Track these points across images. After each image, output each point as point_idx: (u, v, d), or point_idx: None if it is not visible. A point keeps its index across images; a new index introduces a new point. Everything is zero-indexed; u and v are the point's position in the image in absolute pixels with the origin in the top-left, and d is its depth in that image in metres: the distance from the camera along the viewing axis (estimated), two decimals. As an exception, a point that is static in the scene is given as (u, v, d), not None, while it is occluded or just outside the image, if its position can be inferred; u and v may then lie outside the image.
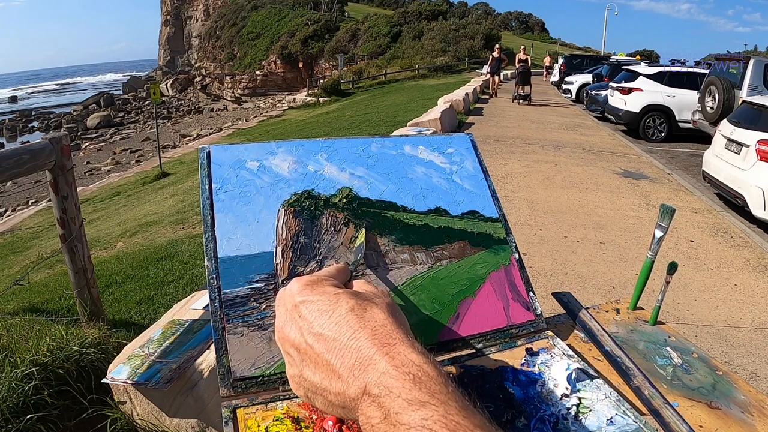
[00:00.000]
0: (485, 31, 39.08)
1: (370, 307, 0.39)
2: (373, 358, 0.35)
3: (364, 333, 0.36)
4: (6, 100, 65.45)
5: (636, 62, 16.28)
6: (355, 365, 0.35)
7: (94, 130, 30.69)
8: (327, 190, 0.69)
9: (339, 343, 0.36)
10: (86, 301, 2.43)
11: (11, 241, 6.67)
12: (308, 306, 0.39)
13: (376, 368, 0.34)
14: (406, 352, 0.35)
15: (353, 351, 0.36)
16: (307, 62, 46.74)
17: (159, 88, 11.02)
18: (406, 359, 0.34)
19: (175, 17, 78.10)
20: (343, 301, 0.39)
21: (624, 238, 4.41)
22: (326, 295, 0.40)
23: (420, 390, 0.32)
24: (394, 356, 0.34)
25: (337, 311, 0.38)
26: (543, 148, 8.23)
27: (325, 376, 0.37)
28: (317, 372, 0.37)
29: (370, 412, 0.33)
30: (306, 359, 0.38)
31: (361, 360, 0.35)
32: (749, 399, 0.65)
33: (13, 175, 2.15)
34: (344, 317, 0.38)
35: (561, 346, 0.67)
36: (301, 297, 0.40)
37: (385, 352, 0.35)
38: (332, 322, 0.37)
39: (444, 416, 0.30)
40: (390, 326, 0.37)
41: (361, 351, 0.35)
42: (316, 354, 0.37)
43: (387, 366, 0.34)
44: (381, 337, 0.36)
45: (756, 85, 7.44)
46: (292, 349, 0.40)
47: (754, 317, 3.17)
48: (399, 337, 0.36)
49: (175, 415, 1.62)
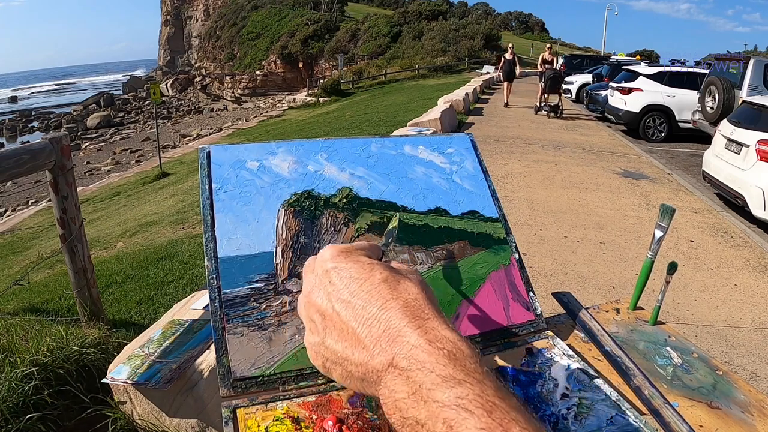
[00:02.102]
0: (485, 31, 39.09)
1: (403, 280, 0.38)
2: (403, 330, 0.33)
3: (396, 304, 0.35)
4: (6, 100, 65.48)
5: (636, 62, 16.28)
6: (383, 336, 0.34)
7: (94, 130, 30.70)
8: (327, 190, 0.69)
9: (367, 311, 0.35)
10: (86, 301, 2.43)
11: (11, 241, 6.68)
12: (340, 272, 0.38)
13: (406, 341, 0.33)
14: (439, 327, 0.34)
15: (382, 321, 0.34)
16: (307, 62, 46.75)
17: (159, 88, 11.03)
18: (440, 335, 0.33)
19: (175, 17, 78.12)
20: (376, 271, 0.38)
21: (624, 238, 4.41)
22: (360, 263, 0.39)
23: (455, 367, 0.31)
24: (427, 330, 0.33)
25: (370, 280, 0.37)
26: (543, 148, 8.23)
27: (348, 345, 0.36)
28: (340, 340, 0.36)
29: (395, 386, 0.32)
30: (330, 326, 0.37)
31: (389, 331, 0.34)
32: (749, 399, 0.65)
33: (13, 175, 2.15)
34: (376, 287, 0.36)
35: (561, 346, 0.67)
36: (334, 263, 0.39)
37: (417, 326, 0.33)
38: (363, 291, 0.36)
39: (480, 396, 0.29)
40: (423, 301, 0.36)
41: (391, 322, 0.34)
42: (342, 321, 0.36)
43: (419, 339, 0.32)
44: (413, 310, 0.35)
45: (756, 85, 7.44)
46: (316, 315, 0.39)
47: (754, 317, 3.17)
48: (432, 312, 0.35)
49: (175, 415, 1.62)
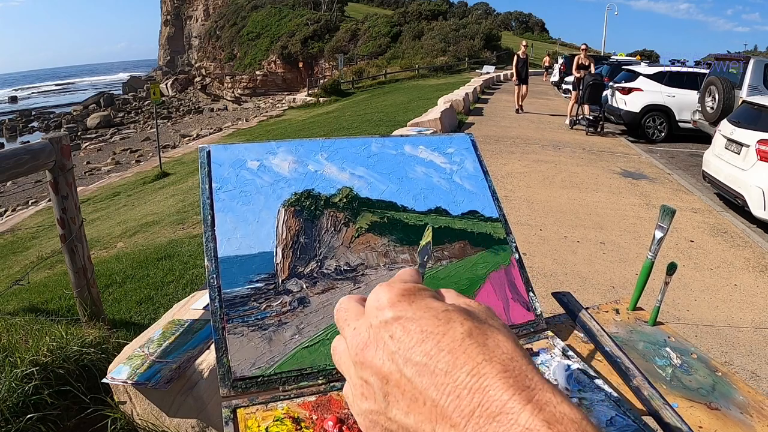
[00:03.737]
0: (485, 31, 39.11)
1: (492, 332, 0.30)
2: (507, 405, 0.26)
3: (491, 368, 0.27)
4: (6, 100, 65.48)
5: (636, 62, 16.28)
6: (479, 410, 0.27)
7: (94, 130, 30.69)
8: (327, 189, 0.69)
9: (453, 378, 0.28)
10: (86, 301, 2.43)
11: (11, 241, 6.68)
12: (406, 325, 0.30)
13: (514, 420, 0.26)
14: (555, 401, 0.26)
15: (476, 391, 0.27)
16: (307, 62, 46.75)
17: (159, 88, 11.03)
18: (559, 413, 0.26)
19: (175, 17, 78.12)
20: (456, 321, 0.30)
21: (624, 238, 4.41)
22: (431, 311, 0.31)
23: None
24: (541, 407, 0.26)
25: (449, 335, 0.29)
26: (543, 148, 8.23)
27: (425, 419, 0.28)
28: (413, 412, 0.29)
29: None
30: (397, 394, 0.30)
31: (488, 405, 0.26)
32: (748, 400, 0.65)
33: (13, 175, 2.15)
34: (460, 343, 0.29)
35: (561, 346, 0.67)
36: (395, 312, 0.31)
37: (526, 399, 0.26)
38: (443, 350, 0.29)
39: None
40: (522, 361, 0.28)
41: (489, 392, 0.27)
42: (415, 389, 0.29)
43: (533, 419, 0.25)
44: (515, 375, 0.27)
45: (756, 85, 7.44)
46: (374, 379, 0.31)
47: (754, 317, 3.17)
48: (538, 378, 0.28)
49: (175, 415, 1.62)
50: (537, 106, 13.68)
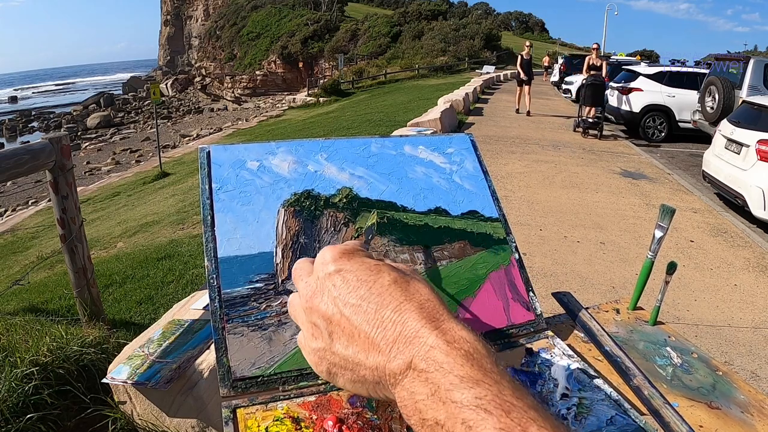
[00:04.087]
0: (485, 31, 39.13)
1: (413, 281, 0.37)
2: (420, 332, 0.33)
3: (410, 306, 0.34)
4: (6, 100, 65.49)
5: (636, 62, 16.29)
6: (400, 338, 0.33)
7: (94, 130, 30.70)
8: (327, 190, 0.69)
9: (381, 315, 0.34)
10: (86, 301, 2.43)
11: (11, 241, 6.68)
12: (345, 275, 0.37)
13: (424, 342, 0.32)
14: (456, 328, 0.33)
15: (397, 323, 0.34)
16: (307, 62, 46.76)
17: (159, 88, 11.03)
18: (457, 335, 0.33)
19: (175, 17, 78.12)
20: (384, 272, 0.37)
21: (624, 238, 4.41)
22: (365, 264, 0.38)
23: (473, 367, 0.31)
24: (444, 331, 0.33)
25: (379, 281, 0.36)
26: (543, 148, 8.23)
27: (360, 349, 0.35)
28: (351, 345, 0.35)
29: (414, 388, 0.32)
30: (338, 331, 0.36)
31: (406, 333, 0.33)
32: (749, 399, 0.65)
33: (13, 175, 2.15)
34: (387, 288, 0.35)
35: (561, 346, 0.67)
36: (337, 266, 0.38)
37: (434, 326, 0.33)
38: (373, 293, 0.35)
39: (498, 396, 0.29)
40: (435, 302, 0.36)
41: (407, 324, 0.34)
42: (352, 325, 0.35)
43: (437, 340, 0.32)
44: (428, 311, 0.34)
45: (756, 85, 7.44)
46: (320, 320, 0.37)
47: (754, 317, 3.17)
48: (446, 313, 0.35)
49: (175, 415, 1.62)
50: (537, 107, 13.68)
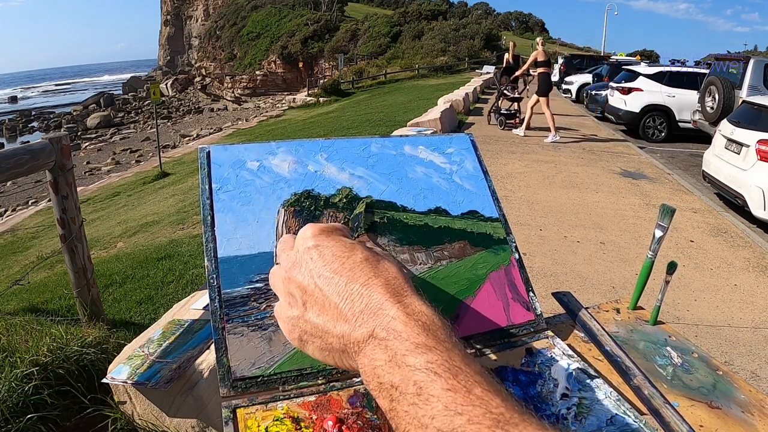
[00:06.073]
0: (485, 31, 39.14)
1: (383, 260, 0.40)
2: (384, 305, 0.36)
3: (377, 281, 0.37)
4: (6, 100, 65.50)
5: (636, 62, 16.29)
6: (365, 310, 0.36)
7: (94, 130, 30.70)
8: (327, 190, 0.69)
9: (350, 288, 0.37)
10: (86, 301, 2.43)
11: (11, 241, 6.68)
12: (322, 250, 0.40)
13: (386, 313, 0.35)
14: (416, 302, 0.37)
15: (364, 297, 0.37)
16: (307, 62, 46.76)
17: (159, 88, 11.03)
18: (416, 309, 0.36)
19: (175, 17, 78.11)
20: (357, 250, 0.40)
21: (624, 238, 4.41)
22: (341, 242, 0.41)
23: (427, 336, 0.34)
24: (405, 305, 0.36)
25: (352, 258, 0.39)
26: (543, 148, 8.23)
27: (329, 318, 0.38)
28: (322, 314, 0.38)
29: (374, 354, 0.34)
30: (311, 301, 0.39)
31: (371, 306, 0.36)
32: (749, 399, 0.65)
33: (13, 175, 2.15)
34: (358, 265, 0.39)
35: (561, 346, 0.67)
36: (315, 241, 0.41)
37: (396, 300, 0.36)
38: (345, 268, 0.38)
39: (447, 361, 0.32)
40: (401, 280, 0.39)
41: (372, 297, 0.37)
42: (324, 296, 0.38)
43: (398, 312, 0.35)
44: (393, 287, 0.37)
45: (756, 85, 7.44)
46: (296, 290, 0.40)
47: (754, 317, 3.17)
48: (409, 290, 0.38)
49: (175, 415, 1.62)
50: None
